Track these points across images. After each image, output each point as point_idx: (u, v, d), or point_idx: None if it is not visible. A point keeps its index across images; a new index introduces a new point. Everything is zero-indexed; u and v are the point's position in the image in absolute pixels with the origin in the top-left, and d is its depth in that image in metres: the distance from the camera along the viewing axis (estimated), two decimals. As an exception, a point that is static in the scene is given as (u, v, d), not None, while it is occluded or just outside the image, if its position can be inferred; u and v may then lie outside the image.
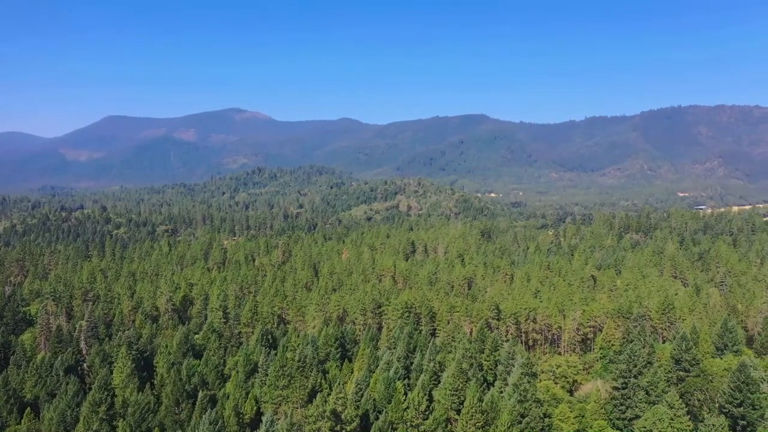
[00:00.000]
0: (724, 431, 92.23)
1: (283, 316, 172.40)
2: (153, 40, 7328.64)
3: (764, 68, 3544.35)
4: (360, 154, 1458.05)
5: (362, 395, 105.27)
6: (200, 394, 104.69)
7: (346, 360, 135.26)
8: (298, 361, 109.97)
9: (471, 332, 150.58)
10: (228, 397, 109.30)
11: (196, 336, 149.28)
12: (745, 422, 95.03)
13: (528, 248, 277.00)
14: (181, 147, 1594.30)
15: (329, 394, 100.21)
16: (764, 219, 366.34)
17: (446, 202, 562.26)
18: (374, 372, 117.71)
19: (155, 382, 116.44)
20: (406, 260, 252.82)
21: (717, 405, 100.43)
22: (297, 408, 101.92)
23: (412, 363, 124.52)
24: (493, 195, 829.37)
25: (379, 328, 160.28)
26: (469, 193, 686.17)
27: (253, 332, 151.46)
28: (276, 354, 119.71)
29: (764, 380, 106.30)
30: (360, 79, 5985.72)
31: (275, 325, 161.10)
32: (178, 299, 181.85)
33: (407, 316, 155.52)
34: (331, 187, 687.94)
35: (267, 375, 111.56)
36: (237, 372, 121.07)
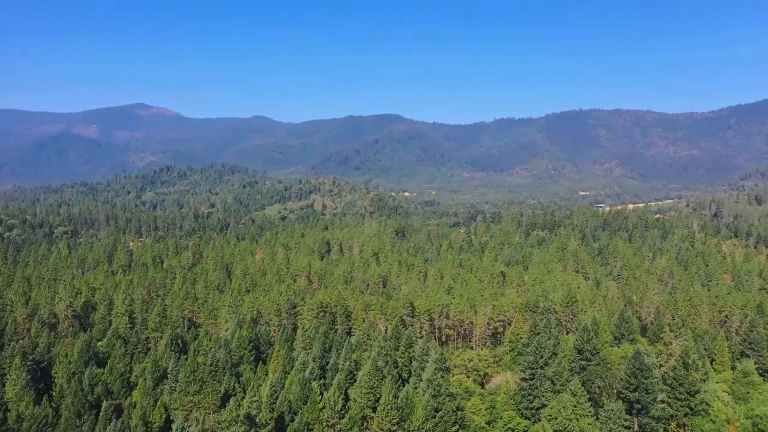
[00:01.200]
0: (622, 415, 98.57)
1: (194, 320, 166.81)
2: (43, 34, 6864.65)
3: (654, 77, 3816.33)
4: (274, 153, 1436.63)
5: (277, 397, 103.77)
6: (104, 404, 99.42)
7: (260, 362, 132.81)
8: (210, 365, 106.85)
9: (386, 330, 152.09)
10: (135, 405, 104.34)
11: (100, 343, 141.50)
12: (639, 405, 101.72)
13: (441, 246, 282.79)
14: (81, 143, 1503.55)
15: (243, 398, 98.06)
16: (656, 216, 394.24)
17: (361, 202, 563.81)
18: (289, 373, 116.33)
19: (54, 394, 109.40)
20: (322, 260, 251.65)
21: (615, 391, 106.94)
22: (209, 414, 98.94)
23: (327, 362, 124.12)
24: (407, 194, 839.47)
25: (294, 329, 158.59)
26: (384, 192, 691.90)
27: (161, 337, 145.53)
28: (186, 359, 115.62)
29: (656, 366, 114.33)
30: (273, 77, 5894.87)
31: (186, 329, 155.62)
32: (79, 305, 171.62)
33: (323, 316, 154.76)
34: (244, 186, 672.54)
35: (177, 381, 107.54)
36: (144, 379, 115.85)
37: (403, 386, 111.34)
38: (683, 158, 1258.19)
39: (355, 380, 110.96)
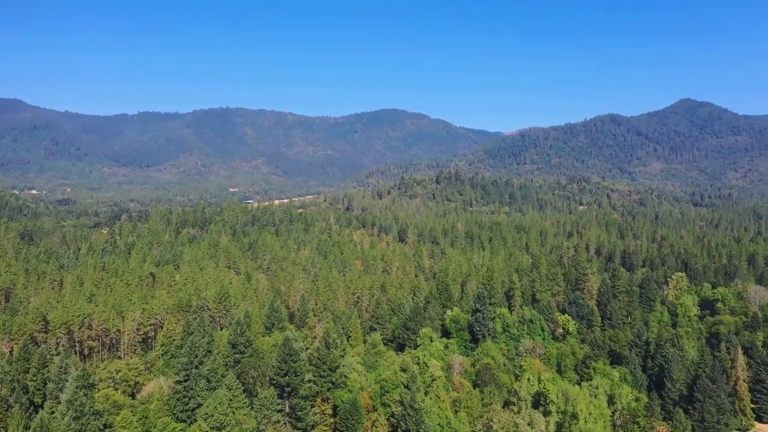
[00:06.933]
0: (274, 400, 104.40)
1: None
2: None
3: (295, 83, 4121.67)
4: None
5: None
6: None
7: None
8: None
9: (11, 351, 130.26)
10: None
11: None
12: (290, 388, 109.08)
13: (80, 249, 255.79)
14: None
15: None
16: (299, 211, 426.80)
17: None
18: None
19: None
20: None
21: (268, 378, 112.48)
22: None
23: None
24: (34, 192, 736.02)
25: None
26: (4, 189, 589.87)
27: None
28: None
29: (303, 349, 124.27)
30: None
31: None
32: None
33: None
34: None
35: None
36: None
37: (37, 413, 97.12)
38: (321, 158, 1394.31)
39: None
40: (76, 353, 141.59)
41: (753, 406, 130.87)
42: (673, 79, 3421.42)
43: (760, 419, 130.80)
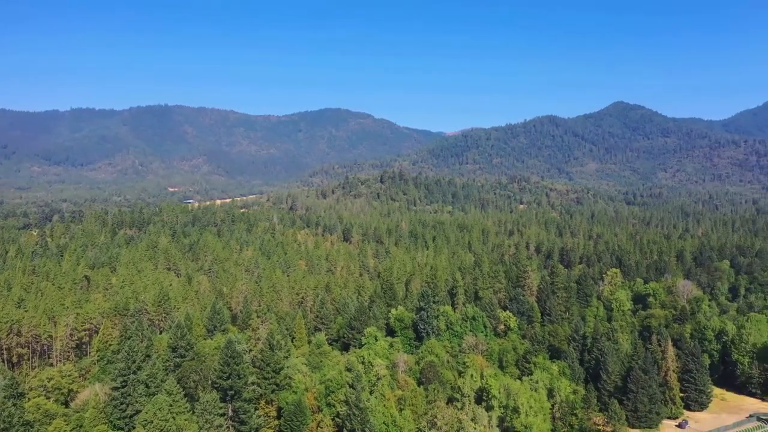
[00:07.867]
0: (216, 404, 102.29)
1: None
2: None
3: (236, 80, 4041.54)
4: None
5: None
6: None
7: None
8: None
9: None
10: None
11: None
12: (233, 391, 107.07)
13: (7, 252, 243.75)
14: None
15: None
16: (241, 210, 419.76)
17: None
18: None
19: None
20: None
21: (210, 382, 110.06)
22: None
23: None
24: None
25: None
26: None
27: None
28: None
29: (246, 351, 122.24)
30: None
31: None
32: None
33: None
34: None
35: None
36: None
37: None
38: (264, 157, 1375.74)
39: None
40: (3, 361, 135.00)
41: (682, 395, 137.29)
42: (607, 82, 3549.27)
43: (688, 407, 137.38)
